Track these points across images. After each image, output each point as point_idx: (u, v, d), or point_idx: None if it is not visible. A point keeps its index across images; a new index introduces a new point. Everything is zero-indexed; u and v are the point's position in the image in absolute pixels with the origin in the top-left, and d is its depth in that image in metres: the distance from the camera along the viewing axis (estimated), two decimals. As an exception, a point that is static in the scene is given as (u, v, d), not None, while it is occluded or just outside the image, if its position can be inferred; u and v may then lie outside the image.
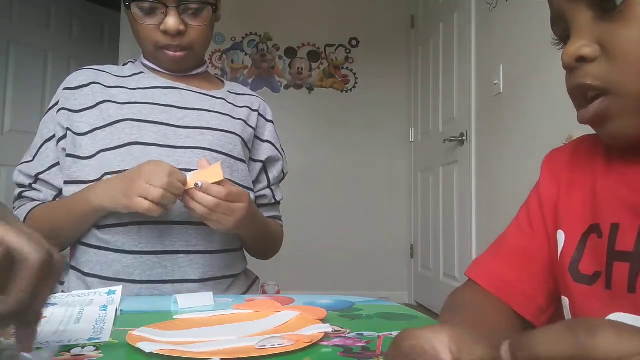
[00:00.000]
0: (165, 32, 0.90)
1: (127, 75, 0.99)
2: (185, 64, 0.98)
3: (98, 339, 0.54)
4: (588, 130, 0.51)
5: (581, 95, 0.46)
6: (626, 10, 0.42)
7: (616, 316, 0.45)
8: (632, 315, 0.44)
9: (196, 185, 0.79)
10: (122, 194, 0.79)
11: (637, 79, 0.42)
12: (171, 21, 0.89)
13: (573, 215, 0.51)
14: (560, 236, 0.52)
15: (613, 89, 0.44)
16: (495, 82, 2.28)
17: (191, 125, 0.93)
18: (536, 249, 0.55)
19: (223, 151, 0.94)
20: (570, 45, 0.45)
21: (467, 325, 0.45)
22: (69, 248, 0.94)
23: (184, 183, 0.79)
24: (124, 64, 1.04)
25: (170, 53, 0.93)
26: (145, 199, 0.77)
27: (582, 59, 0.45)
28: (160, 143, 0.90)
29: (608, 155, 0.51)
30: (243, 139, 0.99)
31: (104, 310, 0.65)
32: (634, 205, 0.45)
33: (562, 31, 0.48)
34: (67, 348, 0.51)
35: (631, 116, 0.44)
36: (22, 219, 0.90)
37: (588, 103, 0.46)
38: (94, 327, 0.59)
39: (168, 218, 0.87)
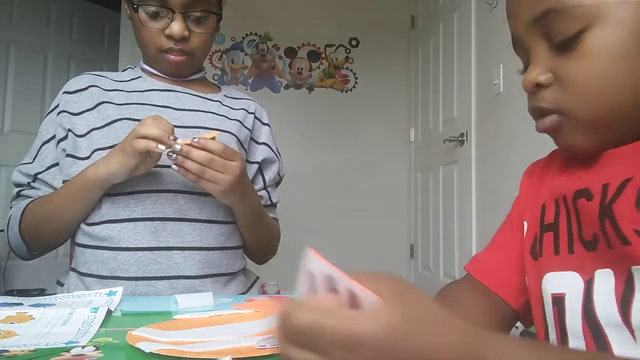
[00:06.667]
0: (170, 37, 0.92)
1: (126, 79, 1.02)
2: (185, 69, 1.00)
3: (77, 342, 0.52)
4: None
5: (538, 115, 0.53)
6: (578, 48, 0.47)
7: (548, 276, 0.53)
8: (559, 272, 0.52)
9: (193, 139, 0.79)
10: (116, 151, 0.82)
11: (585, 105, 0.48)
12: (176, 26, 0.91)
13: (535, 208, 0.59)
14: (525, 226, 0.61)
15: (564, 112, 0.50)
16: (495, 82, 2.28)
17: (186, 125, 0.95)
18: (513, 239, 0.63)
19: None
20: (529, 72, 0.51)
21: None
22: (69, 252, 0.95)
23: (171, 131, 0.81)
24: (123, 70, 1.07)
25: (172, 57, 0.95)
26: (141, 138, 0.79)
27: (538, 85, 0.51)
28: None
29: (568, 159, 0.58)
30: (239, 139, 1.01)
31: (95, 312, 0.63)
32: (553, 188, 0.56)
33: (524, 56, 0.54)
34: (65, 348, 0.51)
35: (581, 133, 0.50)
36: (19, 215, 0.91)
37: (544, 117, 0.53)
38: (79, 329, 0.57)
39: (162, 214, 0.89)
